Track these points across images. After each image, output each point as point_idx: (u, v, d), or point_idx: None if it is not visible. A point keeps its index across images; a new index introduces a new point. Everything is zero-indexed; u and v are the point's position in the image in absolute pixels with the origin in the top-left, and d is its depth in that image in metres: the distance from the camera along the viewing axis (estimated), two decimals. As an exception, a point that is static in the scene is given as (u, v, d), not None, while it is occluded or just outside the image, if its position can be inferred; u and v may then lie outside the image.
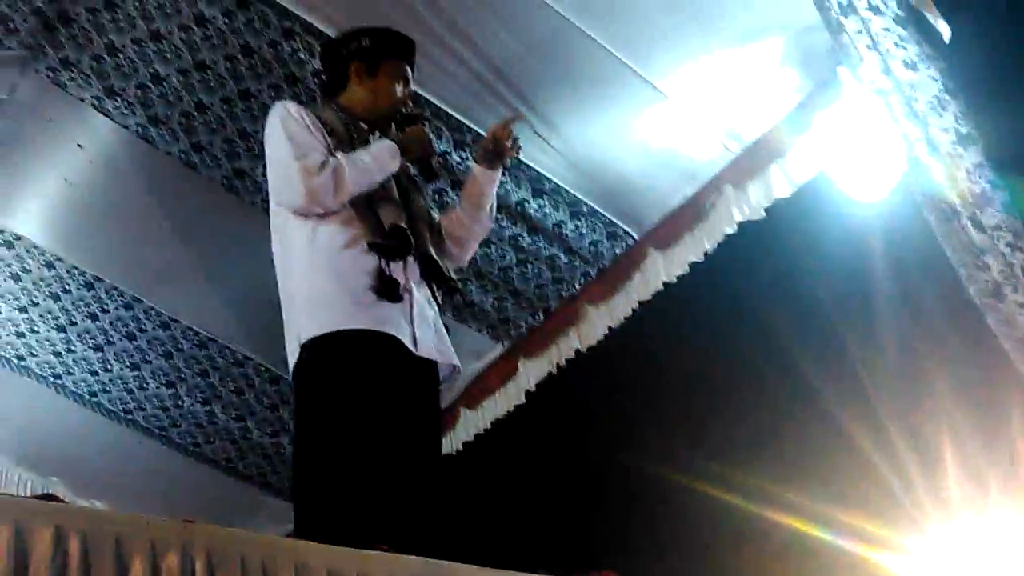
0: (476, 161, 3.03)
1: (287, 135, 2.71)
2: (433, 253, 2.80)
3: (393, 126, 2.95)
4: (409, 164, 2.89)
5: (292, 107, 2.82)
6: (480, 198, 3.00)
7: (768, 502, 3.02)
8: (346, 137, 2.79)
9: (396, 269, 2.64)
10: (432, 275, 2.79)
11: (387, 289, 2.57)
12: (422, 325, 2.68)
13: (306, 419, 2.59)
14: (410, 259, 2.71)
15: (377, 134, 2.91)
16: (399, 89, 2.96)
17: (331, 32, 3.40)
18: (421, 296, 2.72)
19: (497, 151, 2.95)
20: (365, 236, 2.63)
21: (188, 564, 1.46)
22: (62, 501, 1.50)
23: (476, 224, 3.03)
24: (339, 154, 2.69)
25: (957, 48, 2.53)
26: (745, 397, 3.39)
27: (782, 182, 3.53)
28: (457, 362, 2.81)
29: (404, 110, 2.96)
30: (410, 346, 2.60)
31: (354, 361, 2.52)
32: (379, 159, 2.73)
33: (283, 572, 1.51)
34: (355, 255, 2.62)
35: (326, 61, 3.14)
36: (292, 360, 2.63)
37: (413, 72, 3.04)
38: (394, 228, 2.64)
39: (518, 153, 3.01)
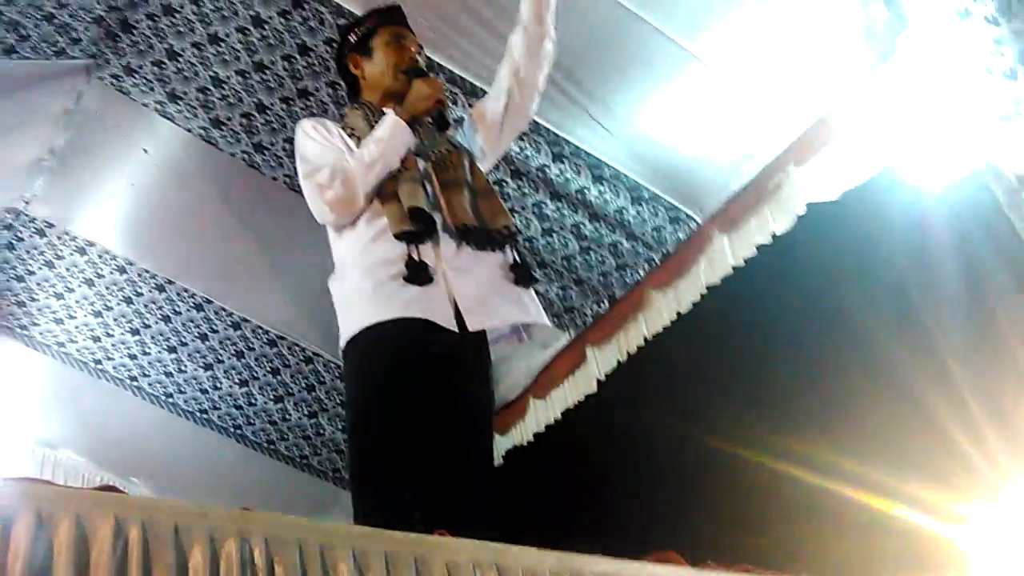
0: None
1: (300, 156, 2.73)
2: (469, 219, 2.64)
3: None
4: (429, 122, 2.77)
5: (307, 124, 2.80)
6: (539, 25, 2.80)
7: (844, 477, 2.96)
8: (369, 132, 2.71)
9: (426, 250, 2.55)
10: (476, 240, 2.64)
11: (415, 273, 2.50)
12: (473, 296, 2.57)
13: (350, 416, 2.62)
14: (444, 235, 2.60)
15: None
16: (398, 53, 2.88)
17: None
18: (462, 268, 2.59)
19: None
20: (391, 225, 2.56)
21: (247, 551, 1.47)
22: (122, 492, 1.52)
23: (540, 56, 2.83)
24: (346, 155, 2.66)
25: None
26: (817, 375, 3.33)
27: (849, 161, 3.44)
28: (530, 319, 2.67)
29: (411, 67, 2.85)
30: (447, 324, 2.50)
31: (384, 352, 2.48)
32: (385, 139, 2.65)
33: (341, 557, 1.52)
34: (383, 246, 2.57)
35: (339, 75, 3.13)
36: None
37: (411, 30, 2.98)
38: (413, 210, 2.55)
39: None
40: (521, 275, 2.69)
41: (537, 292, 4.31)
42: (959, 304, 2.93)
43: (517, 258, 2.72)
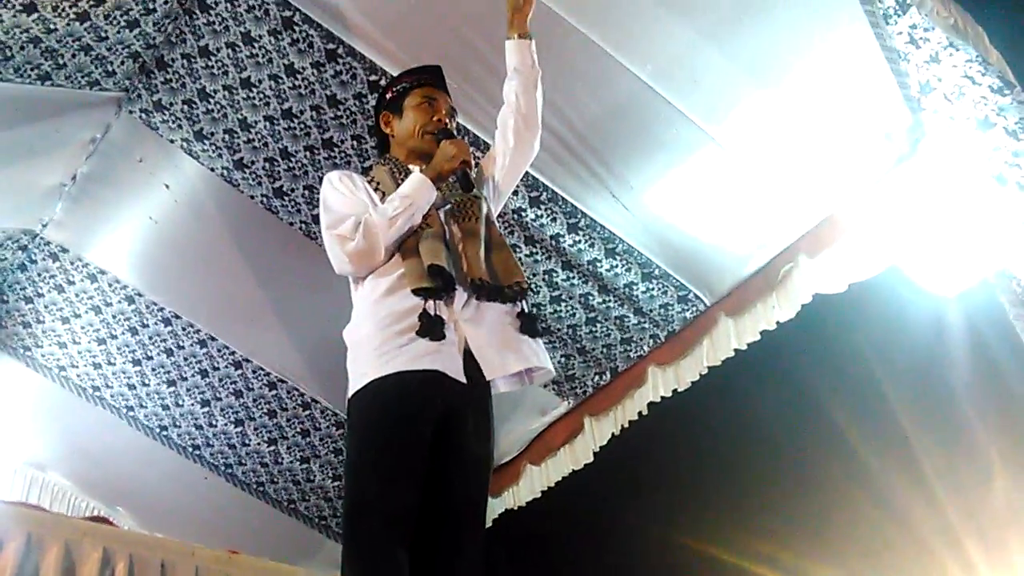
0: (508, 36, 2.94)
1: (325, 207, 2.80)
2: (484, 274, 2.70)
3: None
4: (456, 180, 2.83)
5: (334, 176, 2.88)
6: (531, 68, 2.91)
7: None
8: (394, 188, 2.80)
9: (440, 304, 2.59)
10: (489, 295, 2.68)
11: (431, 328, 2.53)
12: (486, 347, 2.61)
13: (348, 467, 2.61)
14: (458, 287, 2.65)
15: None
16: (426, 114, 2.99)
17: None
18: (473, 319, 2.64)
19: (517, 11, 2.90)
20: (410, 281, 2.61)
21: (230, 594, 1.48)
22: (113, 524, 1.53)
23: (535, 92, 2.93)
24: (370, 208, 2.74)
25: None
26: (803, 477, 3.32)
27: (859, 257, 3.47)
28: (540, 364, 2.68)
29: (441, 129, 2.95)
30: (456, 376, 2.54)
31: (386, 408, 2.51)
32: (410, 196, 2.72)
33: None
34: (397, 299, 2.62)
35: (372, 130, 3.22)
36: None
37: (446, 92, 3.09)
38: (432, 268, 2.60)
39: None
40: (528, 324, 2.72)
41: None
42: (948, 414, 2.94)
43: (525, 307, 2.75)
